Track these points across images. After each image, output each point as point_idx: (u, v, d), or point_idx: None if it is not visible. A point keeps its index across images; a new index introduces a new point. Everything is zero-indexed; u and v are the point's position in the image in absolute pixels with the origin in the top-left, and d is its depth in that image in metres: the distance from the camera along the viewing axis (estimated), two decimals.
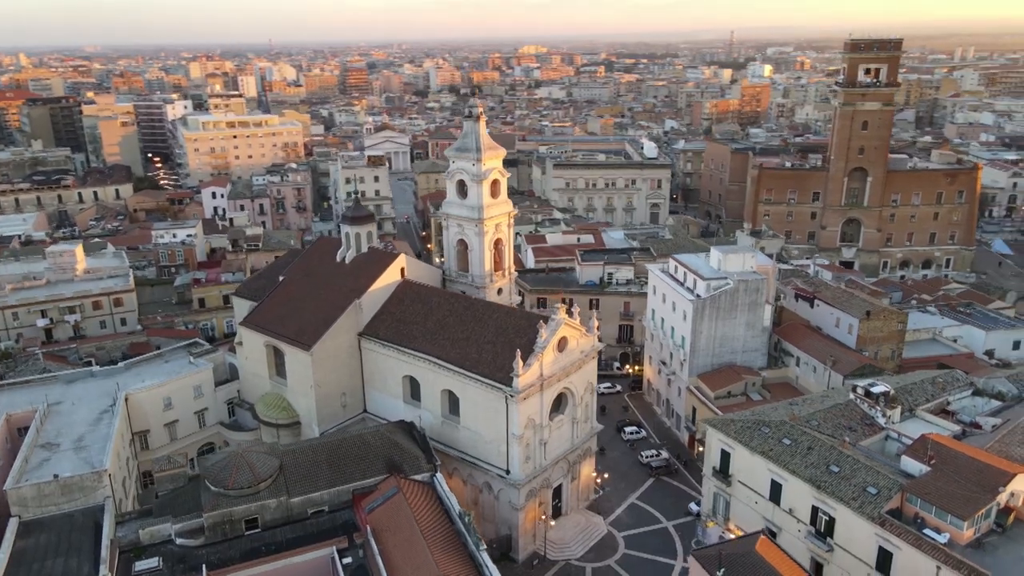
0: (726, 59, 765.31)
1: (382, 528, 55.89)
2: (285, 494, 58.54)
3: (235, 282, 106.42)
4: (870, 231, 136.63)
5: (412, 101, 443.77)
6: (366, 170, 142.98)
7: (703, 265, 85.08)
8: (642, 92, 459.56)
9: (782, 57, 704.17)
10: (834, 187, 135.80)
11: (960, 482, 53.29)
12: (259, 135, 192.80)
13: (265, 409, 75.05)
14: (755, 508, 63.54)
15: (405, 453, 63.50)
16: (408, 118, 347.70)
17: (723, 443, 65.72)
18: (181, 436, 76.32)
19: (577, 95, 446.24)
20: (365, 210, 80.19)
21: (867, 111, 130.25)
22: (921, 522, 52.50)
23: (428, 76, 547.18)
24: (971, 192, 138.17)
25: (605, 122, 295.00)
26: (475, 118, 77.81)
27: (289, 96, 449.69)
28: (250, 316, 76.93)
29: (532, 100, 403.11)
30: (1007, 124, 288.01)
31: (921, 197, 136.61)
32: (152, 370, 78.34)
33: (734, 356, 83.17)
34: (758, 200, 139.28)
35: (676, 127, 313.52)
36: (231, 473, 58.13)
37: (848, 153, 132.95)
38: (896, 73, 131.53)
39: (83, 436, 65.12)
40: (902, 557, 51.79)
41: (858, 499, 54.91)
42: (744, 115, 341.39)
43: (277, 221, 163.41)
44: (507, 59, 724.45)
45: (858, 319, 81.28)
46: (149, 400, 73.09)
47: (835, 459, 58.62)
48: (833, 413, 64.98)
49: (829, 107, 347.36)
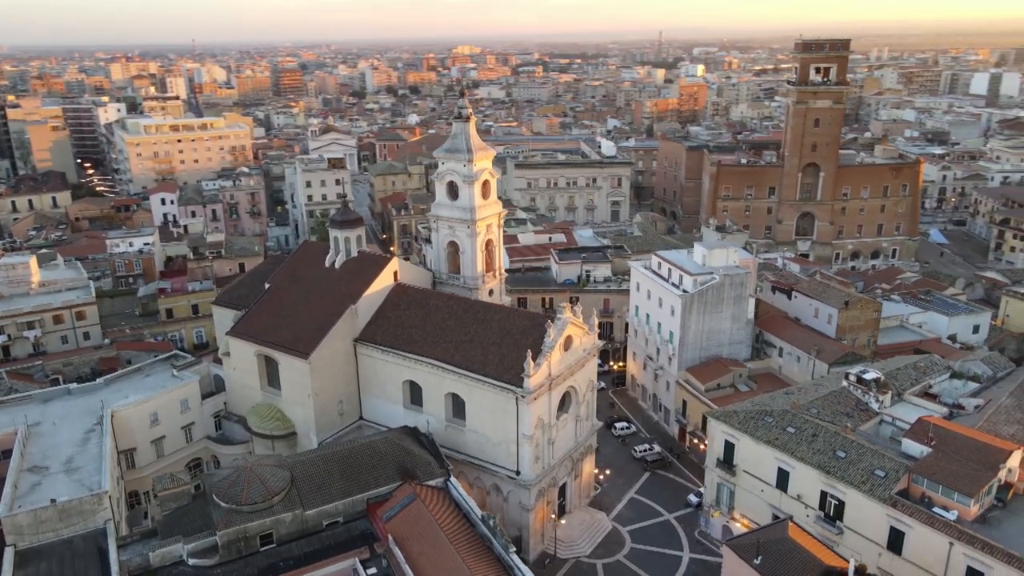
0: (655, 59, 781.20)
1: (404, 536, 55.08)
2: (299, 507, 57.02)
3: (203, 291, 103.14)
4: (823, 224, 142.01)
5: (350, 102, 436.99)
6: (327, 173, 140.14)
7: (687, 261, 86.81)
8: (580, 92, 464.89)
9: (708, 57, 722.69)
10: (789, 182, 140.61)
11: (962, 461, 55.97)
12: (205, 139, 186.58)
13: (259, 421, 72.81)
14: (761, 496, 65.29)
15: (416, 459, 62.70)
16: (349, 119, 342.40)
17: (727, 434, 67.29)
18: (168, 453, 73.37)
19: (517, 95, 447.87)
20: (354, 214, 78.73)
21: (819, 109, 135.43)
22: (928, 501, 54.94)
23: (364, 77, 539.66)
24: (914, 185, 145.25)
25: (550, 121, 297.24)
26: (465, 119, 77.39)
27: (221, 98, 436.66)
28: (239, 325, 74.49)
29: (473, 100, 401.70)
30: (927, 120, 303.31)
31: (869, 191, 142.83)
32: (133, 385, 75.02)
33: (720, 349, 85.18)
34: (717, 196, 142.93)
35: (619, 126, 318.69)
36: (243, 488, 56.30)
37: (802, 149, 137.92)
38: (845, 72, 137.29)
39: (72, 457, 61.89)
40: (914, 535, 54.11)
41: (868, 482, 57.07)
42: (683, 113, 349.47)
43: (231, 227, 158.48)
44: (442, 60, 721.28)
45: (837, 309, 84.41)
46: (135, 417, 70.00)
47: (840, 445, 60.79)
48: (829, 401, 67.29)
49: (762, 105, 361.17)
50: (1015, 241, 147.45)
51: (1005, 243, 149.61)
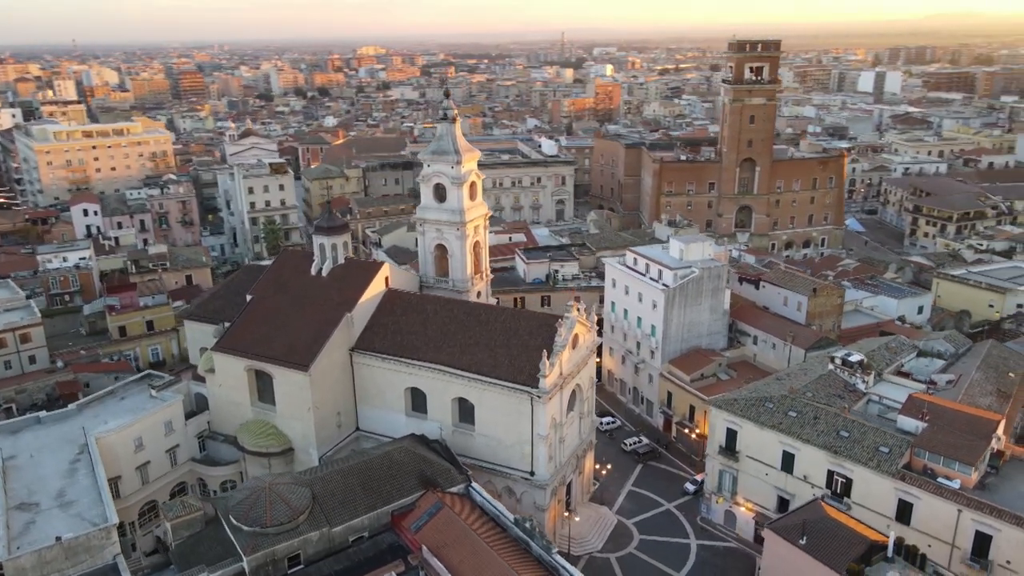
0: (559, 59, 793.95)
1: (438, 545, 54.15)
2: (326, 524, 55.14)
3: (157, 306, 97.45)
4: (760, 217, 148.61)
5: (258, 105, 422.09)
6: (270, 179, 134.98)
7: (665, 255, 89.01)
8: (493, 92, 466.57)
9: (609, 57, 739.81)
10: (727, 177, 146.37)
11: (957, 433, 60.01)
12: (122, 145, 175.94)
13: (252, 438, 69.64)
14: (765, 479, 67.89)
15: (435, 466, 61.72)
16: (261, 123, 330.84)
17: (729, 421, 69.56)
18: (154, 479, 69.12)
19: (431, 96, 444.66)
20: (339, 219, 76.47)
21: (754, 106, 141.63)
22: (931, 473, 58.62)
23: (269, 79, 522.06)
24: (839, 177, 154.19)
25: (472, 122, 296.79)
26: (451, 120, 76.59)
27: (117, 102, 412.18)
28: (224, 340, 70.95)
29: (387, 101, 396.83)
30: (826, 116, 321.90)
31: (800, 184, 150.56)
32: (109, 410, 70.30)
33: (699, 340, 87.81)
34: (661, 192, 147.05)
35: (539, 125, 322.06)
36: (265, 509, 53.91)
37: (739, 145, 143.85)
38: (776, 71, 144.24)
39: (63, 490, 57.66)
40: (922, 506, 57.61)
41: (874, 459, 60.35)
42: (599, 112, 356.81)
43: (160, 237, 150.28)
44: (347, 60, 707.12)
45: (807, 296, 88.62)
46: (119, 443, 65.53)
47: (842, 425, 64.02)
48: (820, 384, 70.61)
49: (673, 104, 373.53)
50: (928, 227, 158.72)
51: (919, 229, 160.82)
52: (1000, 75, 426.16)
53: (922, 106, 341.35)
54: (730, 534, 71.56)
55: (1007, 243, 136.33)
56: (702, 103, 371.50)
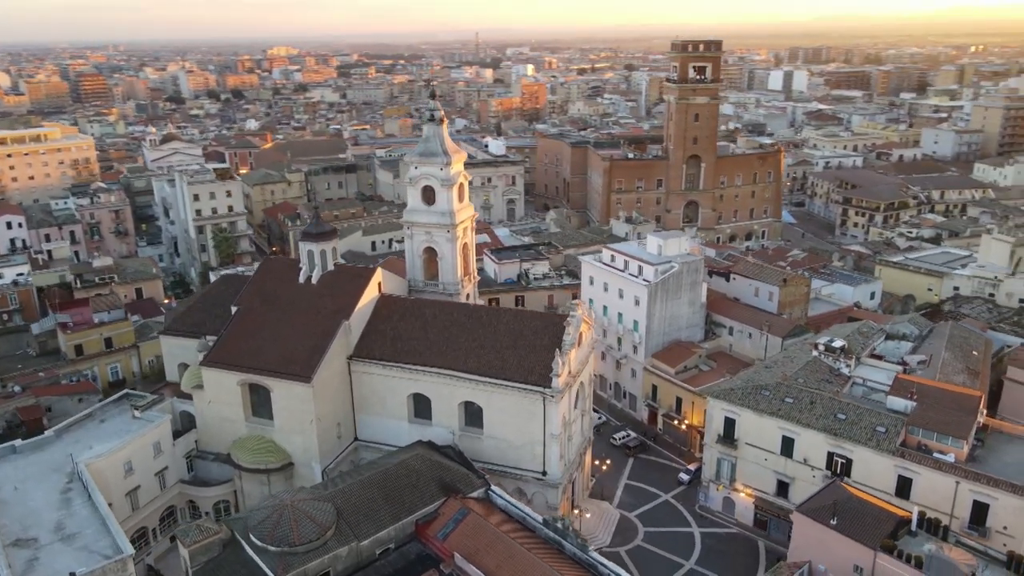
0: (475, 59, 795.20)
1: (471, 551, 53.55)
2: (353, 539, 53.65)
3: (115, 322, 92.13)
4: (707, 211, 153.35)
5: (170, 108, 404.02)
6: (216, 184, 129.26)
7: (642, 252, 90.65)
8: (415, 92, 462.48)
9: (522, 57, 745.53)
10: (674, 174, 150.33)
11: (945, 410, 63.87)
12: (41, 152, 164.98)
13: (249, 455, 66.82)
14: (764, 465, 70.20)
15: (453, 472, 60.96)
16: (177, 127, 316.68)
17: (727, 411, 71.57)
18: (144, 504, 65.45)
19: (352, 97, 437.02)
20: (327, 225, 74.28)
21: (698, 105, 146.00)
22: (926, 448, 62.16)
23: (178, 81, 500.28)
24: (777, 171, 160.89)
25: (403, 123, 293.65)
26: (438, 121, 75.63)
27: (13, 106, 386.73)
28: (214, 354, 67.74)
29: (309, 103, 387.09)
30: (744, 114, 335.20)
31: (742, 179, 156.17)
32: (91, 433, 65.99)
33: (679, 333, 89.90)
34: (611, 190, 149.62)
35: (468, 125, 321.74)
36: (291, 528, 52.00)
37: (685, 143, 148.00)
38: (719, 70, 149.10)
39: (61, 522, 53.83)
40: (921, 480, 60.86)
41: (873, 439, 63.38)
42: (525, 112, 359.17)
43: (93, 249, 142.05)
44: (258, 61, 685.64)
45: (778, 287, 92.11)
46: (109, 468, 61.64)
47: (838, 408, 66.94)
48: (808, 370, 73.56)
49: (596, 103, 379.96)
50: (857, 217, 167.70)
51: (849, 220, 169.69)
52: (894, 74, 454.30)
53: (829, 103, 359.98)
54: (730, 520, 73.64)
55: (933, 230, 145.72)
56: (626, 102, 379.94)
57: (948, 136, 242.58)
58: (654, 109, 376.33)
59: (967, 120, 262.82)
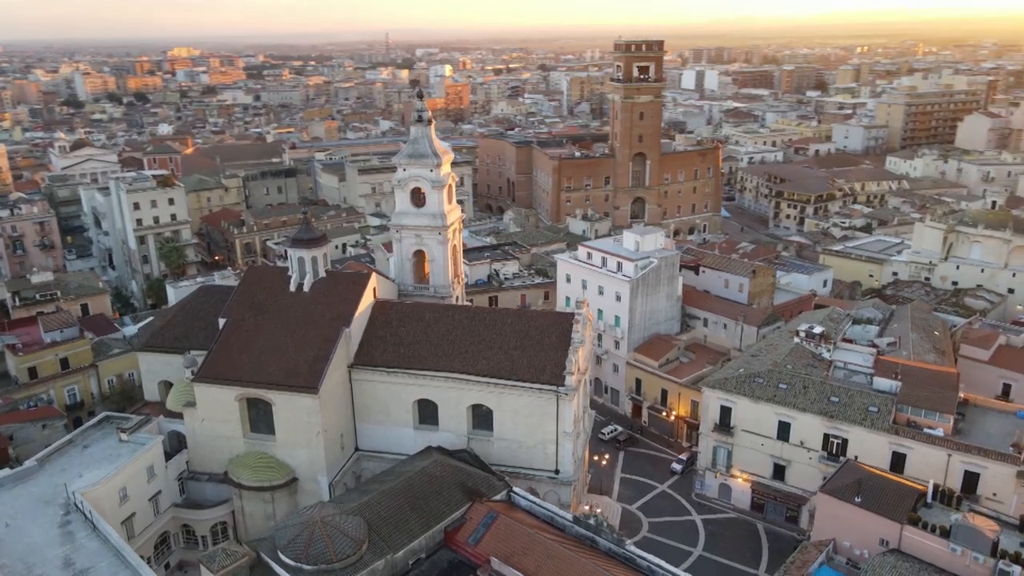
0: (385, 60, 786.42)
1: (508, 554, 53.08)
2: (388, 551, 52.18)
3: (70, 341, 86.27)
4: (652, 207, 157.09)
5: (68, 113, 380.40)
6: (159, 192, 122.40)
7: (620, 248, 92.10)
8: (332, 94, 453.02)
9: (433, 58, 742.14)
10: (621, 172, 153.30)
11: (929, 387, 67.91)
12: None
13: (251, 472, 63.92)
14: (761, 450, 72.74)
15: (474, 477, 60.24)
16: (83, 132, 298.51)
17: (723, 399, 73.73)
18: (139, 532, 61.44)
19: (267, 99, 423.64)
20: (317, 231, 71.86)
21: (642, 103, 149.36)
22: (915, 425, 65.93)
23: (73, 83, 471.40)
24: (716, 167, 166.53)
25: (328, 125, 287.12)
26: (426, 122, 74.40)
27: None
28: (207, 369, 64.38)
29: (223, 106, 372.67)
30: (666, 112, 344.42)
31: (684, 175, 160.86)
32: (76, 461, 61.62)
33: (658, 327, 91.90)
34: (561, 189, 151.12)
35: (394, 127, 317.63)
36: (326, 544, 50.15)
37: (631, 141, 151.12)
38: (661, 70, 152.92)
39: (69, 558, 50.22)
40: (914, 455, 64.48)
41: (867, 418, 66.71)
42: (450, 112, 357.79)
43: (15, 264, 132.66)
44: (158, 63, 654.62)
45: (748, 278, 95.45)
46: (105, 497, 57.55)
47: (830, 392, 70.07)
48: (793, 357, 76.64)
49: (519, 103, 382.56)
50: (789, 210, 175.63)
51: (782, 212, 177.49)
52: (795, 73, 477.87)
53: (741, 101, 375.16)
54: (727, 505, 75.89)
55: (863, 220, 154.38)
56: (549, 101, 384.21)
57: (857, 131, 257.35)
58: (576, 108, 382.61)
59: (871, 116, 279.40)
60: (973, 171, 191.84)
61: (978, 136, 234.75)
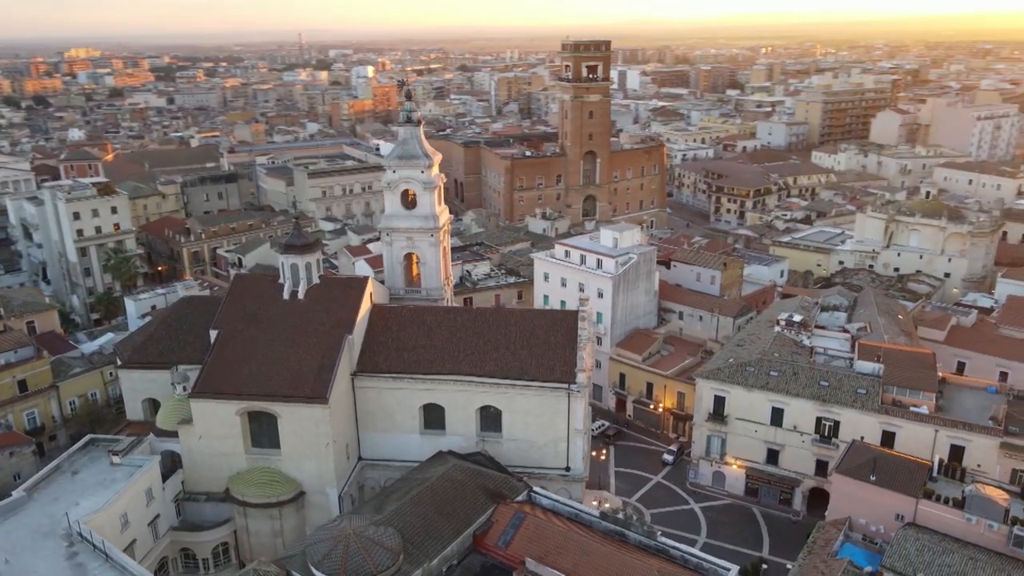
0: (298, 61, 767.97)
1: (541, 554, 52.90)
2: (425, 559, 51.17)
3: (26, 361, 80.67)
4: (603, 205, 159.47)
5: None
6: (100, 201, 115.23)
7: (597, 245, 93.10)
8: (250, 96, 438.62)
9: (351, 59, 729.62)
10: (573, 170, 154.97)
11: (910, 368, 71.70)
12: None
13: (256, 489, 61.38)
14: (755, 436, 75.05)
15: (495, 479, 59.87)
16: None
17: (716, 389, 75.70)
18: (140, 558, 57.91)
19: (182, 102, 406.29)
20: (309, 237, 69.58)
21: (592, 103, 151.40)
22: (900, 404, 69.50)
23: None
24: (661, 164, 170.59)
25: (256, 128, 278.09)
26: (415, 123, 73.20)
27: None
28: (204, 384, 61.34)
29: (136, 110, 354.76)
30: None
31: (632, 172, 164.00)
32: (66, 488, 57.61)
33: (638, 321, 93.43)
34: (513, 188, 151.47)
35: (323, 129, 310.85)
36: (364, 558, 48.77)
37: (581, 140, 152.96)
38: (609, 69, 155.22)
39: None
40: (903, 433, 67.92)
41: (857, 400, 69.85)
42: (378, 114, 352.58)
43: None
44: (55, 64, 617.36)
45: (720, 271, 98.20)
46: (107, 524, 54.12)
47: (819, 377, 72.97)
48: (777, 345, 79.45)
49: (448, 104, 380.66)
50: (729, 204, 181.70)
51: (722, 207, 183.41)
52: (711, 72, 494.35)
53: (664, 100, 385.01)
54: (721, 492, 77.94)
55: (803, 212, 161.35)
56: (477, 101, 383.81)
57: (780, 128, 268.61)
58: (505, 108, 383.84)
59: (790, 113, 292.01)
60: (892, 164, 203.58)
61: (890, 131, 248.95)
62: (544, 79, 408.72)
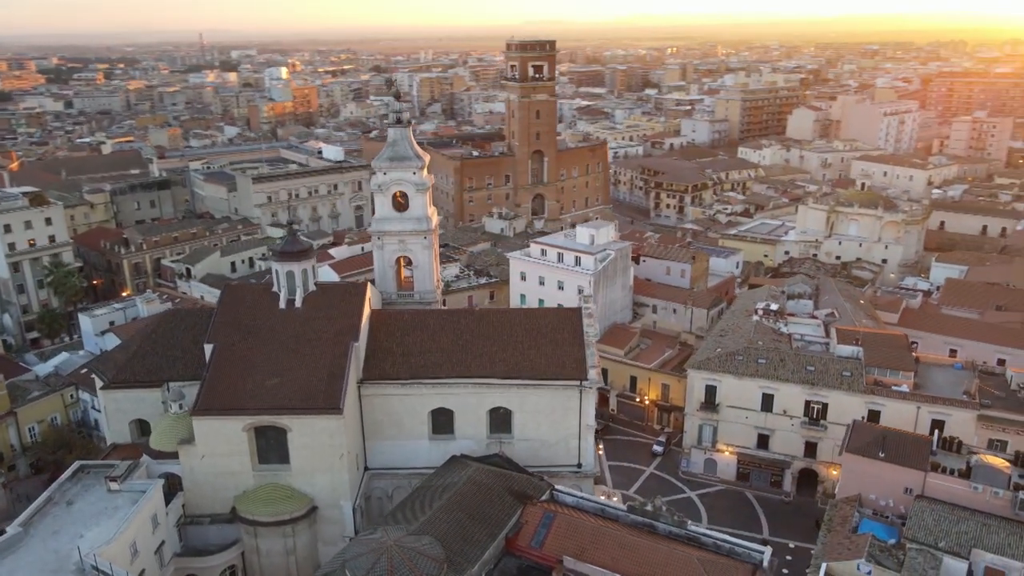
0: (200, 61, 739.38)
1: (577, 551, 53.16)
2: (466, 565, 50.36)
3: None
4: (552, 203, 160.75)
5: None
6: (33, 212, 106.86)
7: (573, 243, 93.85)
8: (157, 99, 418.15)
9: (256, 60, 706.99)
10: (521, 169, 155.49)
11: (888, 350, 75.76)
12: None
13: (266, 507, 58.81)
14: (745, 422, 77.58)
15: (518, 480, 59.48)
16: None
17: (707, 379, 77.81)
18: None
19: (83, 106, 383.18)
20: (304, 243, 67.08)
21: (538, 102, 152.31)
22: (882, 384, 73.30)
23: None
24: (604, 162, 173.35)
25: (172, 132, 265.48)
26: (405, 124, 71.73)
27: None
28: (205, 401, 58.11)
29: (33, 115, 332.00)
30: None
31: (577, 170, 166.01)
32: (64, 520, 53.55)
33: (615, 316, 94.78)
34: (464, 189, 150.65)
35: (242, 132, 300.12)
36: (409, 568, 47.63)
37: (529, 139, 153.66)
38: (554, 69, 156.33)
39: None
40: (888, 411, 71.72)
41: (843, 383, 73.26)
42: (299, 116, 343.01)
43: None
44: None
45: (689, 264, 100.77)
46: (118, 555, 50.61)
47: (805, 362, 76.09)
48: (759, 333, 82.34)
49: (369, 105, 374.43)
50: (669, 200, 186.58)
51: (661, 203, 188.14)
52: (627, 73, 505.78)
53: (585, 99, 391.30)
54: (713, 479, 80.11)
55: (742, 205, 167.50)
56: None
57: (703, 126, 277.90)
58: (428, 109, 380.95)
59: (710, 111, 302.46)
60: (813, 158, 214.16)
61: (805, 127, 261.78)
62: (465, 79, 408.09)
